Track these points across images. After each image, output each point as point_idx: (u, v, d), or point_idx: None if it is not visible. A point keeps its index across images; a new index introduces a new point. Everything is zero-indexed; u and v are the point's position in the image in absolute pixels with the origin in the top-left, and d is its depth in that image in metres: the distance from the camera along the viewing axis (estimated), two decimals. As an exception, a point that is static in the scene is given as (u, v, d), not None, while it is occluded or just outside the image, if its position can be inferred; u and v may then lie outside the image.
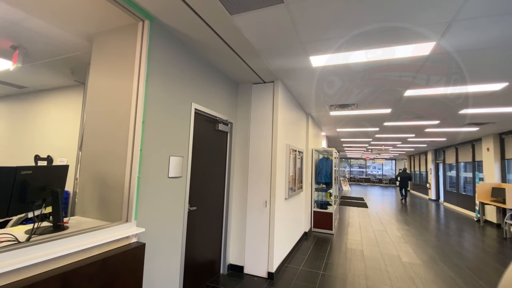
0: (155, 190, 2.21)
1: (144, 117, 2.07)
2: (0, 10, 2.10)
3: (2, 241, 1.35)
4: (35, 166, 1.60)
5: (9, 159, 4.76)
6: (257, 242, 3.42)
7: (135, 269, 1.80)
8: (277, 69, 3.15)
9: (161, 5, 1.96)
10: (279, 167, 3.59)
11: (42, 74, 3.65)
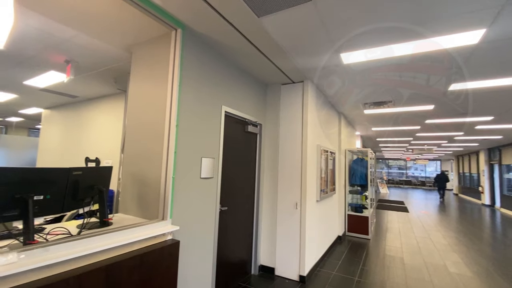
0: (188, 190, 2.31)
1: (178, 121, 2.18)
2: (56, 29, 2.39)
3: (57, 234, 1.53)
4: (84, 167, 1.77)
5: (64, 161, 5.36)
6: (288, 244, 3.39)
7: (170, 265, 1.90)
8: (306, 69, 3.10)
9: (192, 13, 2.05)
10: (310, 168, 3.52)
11: (91, 84, 4.05)
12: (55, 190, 1.50)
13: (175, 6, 1.97)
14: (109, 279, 1.47)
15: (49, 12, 2.09)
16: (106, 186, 1.89)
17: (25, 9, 2.03)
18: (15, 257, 1.16)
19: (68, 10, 2.04)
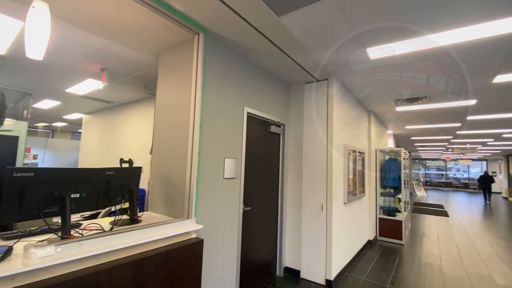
0: (212, 190, 2.36)
1: (201, 123, 2.23)
2: (91, 40, 2.58)
3: (92, 230, 1.64)
4: (116, 167, 1.89)
5: (102, 162, 5.78)
6: (313, 247, 3.30)
7: (195, 262, 1.94)
8: (331, 66, 3.00)
9: (213, 17, 2.09)
10: (336, 169, 3.40)
11: (123, 90, 4.32)
12: (90, 188, 1.61)
13: (197, 12, 2.03)
14: (137, 273, 1.54)
15: (85, 25, 2.26)
16: (135, 185, 2.00)
17: (64, 23, 2.22)
18: (52, 250, 1.27)
19: (102, 22, 2.20)
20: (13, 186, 1.27)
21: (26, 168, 1.33)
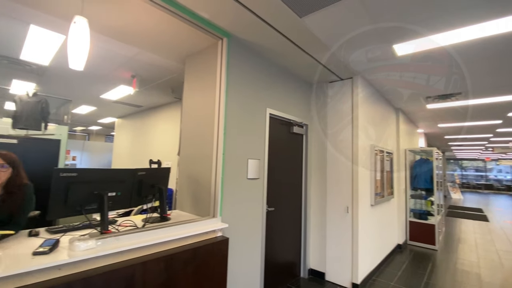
0: (236, 190, 2.41)
1: (225, 125, 2.30)
2: (122, 49, 2.77)
3: (126, 226, 1.76)
4: (147, 168, 2.01)
5: (133, 163, 6.13)
6: (339, 249, 3.24)
7: (221, 260, 2.00)
8: (355, 64, 2.93)
9: (236, 22, 2.15)
10: (362, 170, 3.30)
11: (152, 94, 4.55)
12: (124, 188, 1.74)
13: (221, 18, 2.09)
14: (167, 268, 1.63)
15: (118, 35, 2.43)
16: (165, 185, 2.11)
17: (99, 35, 2.40)
18: (93, 244, 1.39)
19: (133, 32, 2.35)
20: (60, 185, 1.41)
21: (71, 169, 1.47)
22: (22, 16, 2.21)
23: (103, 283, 1.34)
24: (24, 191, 1.63)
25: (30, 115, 3.83)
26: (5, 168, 1.54)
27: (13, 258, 1.22)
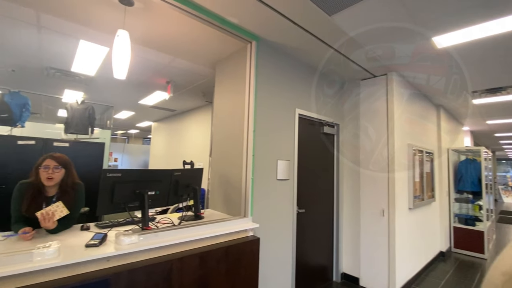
0: (266, 191, 2.43)
1: (255, 126, 2.33)
2: (158, 57, 2.95)
3: (164, 223, 1.88)
4: (182, 169, 2.12)
5: (168, 164, 6.47)
6: (374, 254, 3.09)
7: (252, 260, 2.04)
8: (390, 59, 2.79)
9: (265, 25, 2.18)
10: (399, 171, 3.12)
11: (185, 99, 4.77)
12: (162, 187, 1.85)
13: (250, 22, 2.14)
14: (202, 265, 1.70)
15: (154, 45, 2.60)
16: (198, 185, 2.20)
17: (137, 45, 2.59)
18: (136, 239, 1.51)
19: (167, 41, 2.50)
20: (107, 184, 1.55)
21: (116, 170, 1.61)
22: (73, 33, 2.47)
23: (145, 275, 1.45)
24: (76, 190, 1.82)
25: (79, 121, 4.25)
26: (58, 169, 1.71)
27: (69, 249, 1.37)
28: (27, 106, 3.82)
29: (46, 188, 1.70)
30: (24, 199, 1.61)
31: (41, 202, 1.65)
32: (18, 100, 3.72)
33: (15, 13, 2.14)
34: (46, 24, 2.33)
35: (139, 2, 1.88)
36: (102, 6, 1.95)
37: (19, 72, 3.58)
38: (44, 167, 1.67)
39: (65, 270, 1.28)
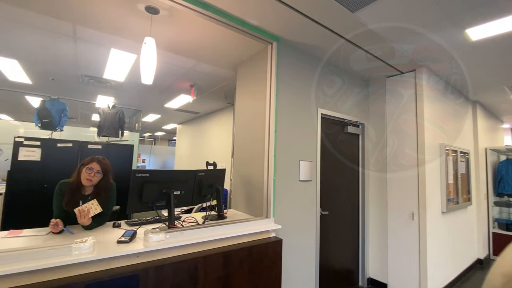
0: (288, 192, 2.42)
1: (276, 127, 2.33)
2: (182, 62, 3.05)
3: (189, 222, 1.93)
4: (206, 169, 2.17)
5: (192, 164, 6.65)
6: (403, 259, 2.94)
7: (275, 260, 2.03)
8: (418, 55, 2.65)
9: (286, 26, 2.17)
10: (430, 172, 2.95)
11: (207, 101, 4.89)
12: (187, 187, 1.91)
13: (270, 23, 2.14)
14: (225, 264, 1.73)
15: (178, 50, 2.70)
16: (221, 185, 2.25)
17: (163, 51, 2.70)
18: (163, 236, 1.57)
19: (190, 46, 2.58)
20: (136, 184, 1.64)
21: (144, 170, 1.69)
22: (105, 42, 2.64)
23: (172, 272, 1.51)
24: (109, 190, 1.94)
25: (111, 125, 4.52)
26: (99, 174, 1.85)
27: (103, 245, 1.47)
28: (65, 111, 4.13)
29: (84, 187, 1.83)
30: (64, 196, 1.76)
31: (78, 199, 1.79)
32: (57, 106, 4.04)
33: (55, 26, 2.33)
34: (81, 35, 2.51)
35: (164, 10, 1.97)
36: (130, 16, 2.06)
37: (58, 80, 3.90)
38: (88, 169, 1.80)
39: (99, 264, 1.36)
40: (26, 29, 2.39)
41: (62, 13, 2.08)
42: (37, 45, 2.74)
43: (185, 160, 7.34)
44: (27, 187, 3.14)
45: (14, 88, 4.28)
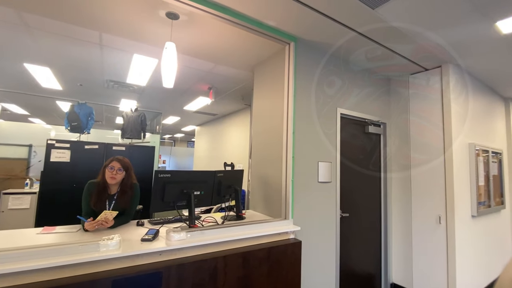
0: (307, 193, 2.39)
1: (294, 128, 2.31)
2: (201, 65, 3.12)
3: (209, 222, 1.97)
4: (224, 170, 2.21)
5: (210, 165, 6.76)
6: (429, 266, 2.80)
7: (294, 263, 2.01)
8: (444, 50, 2.52)
9: (303, 25, 2.15)
10: (458, 173, 2.79)
11: (225, 103, 4.95)
12: (207, 187, 1.95)
13: (288, 23, 2.14)
14: (245, 264, 1.74)
15: (197, 53, 2.76)
16: (239, 186, 2.26)
17: (182, 55, 2.78)
18: (184, 235, 1.61)
19: (209, 49, 2.63)
20: (159, 184, 1.69)
21: (166, 171, 1.74)
22: (128, 48, 2.76)
23: (193, 271, 1.54)
24: (133, 189, 2.03)
25: (133, 127, 4.70)
26: (121, 171, 1.95)
27: (127, 242, 1.53)
28: (92, 115, 4.36)
29: (110, 186, 1.94)
30: (92, 195, 1.86)
31: (105, 199, 1.89)
32: (85, 110, 4.27)
33: (83, 35, 2.47)
34: (107, 43, 2.64)
35: (184, 15, 2.02)
36: (152, 22, 2.14)
37: (85, 85, 4.12)
38: (110, 168, 1.92)
39: (124, 261, 1.42)
40: (57, 38, 2.55)
41: (90, 22, 2.20)
42: (67, 53, 2.92)
43: (203, 161, 7.48)
44: (58, 186, 3.35)
45: (47, 94, 4.58)
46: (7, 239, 1.53)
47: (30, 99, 5.09)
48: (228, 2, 1.86)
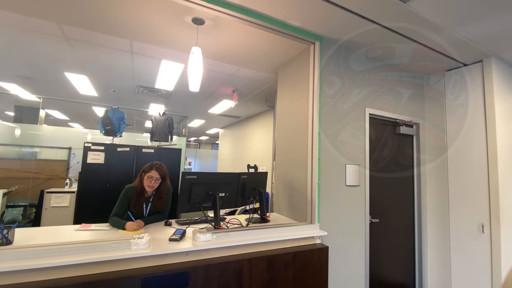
0: (334, 197, 2.30)
1: (320, 129, 2.25)
2: (225, 69, 3.16)
3: (233, 224, 1.97)
4: (248, 172, 2.21)
5: (234, 167, 6.83)
6: (471, 277, 2.56)
7: (321, 269, 1.94)
8: (487, 42, 2.31)
9: (329, 24, 2.09)
10: (504, 177, 2.53)
11: (249, 105, 4.97)
12: (231, 189, 1.96)
13: (312, 22, 2.09)
14: (270, 268, 1.71)
15: (221, 57, 2.80)
16: (263, 188, 2.25)
17: (207, 59, 2.83)
18: (210, 236, 1.62)
19: (233, 52, 2.66)
20: (186, 185, 1.73)
21: (192, 172, 1.77)
22: (157, 54, 2.87)
23: (219, 272, 1.54)
24: (168, 194, 2.15)
25: (161, 130, 4.89)
26: (159, 181, 2.08)
27: (156, 242, 1.57)
28: (123, 119, 4.60)
29: (147, 191, 2.08)
30: (131, 199, 2.01)
31: (142, 201, 2.04)
32: (117, 114, 4.53)
33: (115, 43, 2.62)
34: (137, 50, 2.77)
35: (209, 20, 2.06)
36: (178, 28, 2.21)
37: (118, 91, 4.37)
38: (149, 177, 2.04)
39: (153, 260, 1.46)
40: (93, 48, 2.74)
41: (122, 31, 2.33)
42: (102, 61, 3.12)
43: (227, 163, 7.58)
44: (94, 186, 3.57)
45: (84, 100, 4.93)
46: (51, 235, 1.65)
47: (70, 105, 5.52)
48: (253, 4, 1.87)
